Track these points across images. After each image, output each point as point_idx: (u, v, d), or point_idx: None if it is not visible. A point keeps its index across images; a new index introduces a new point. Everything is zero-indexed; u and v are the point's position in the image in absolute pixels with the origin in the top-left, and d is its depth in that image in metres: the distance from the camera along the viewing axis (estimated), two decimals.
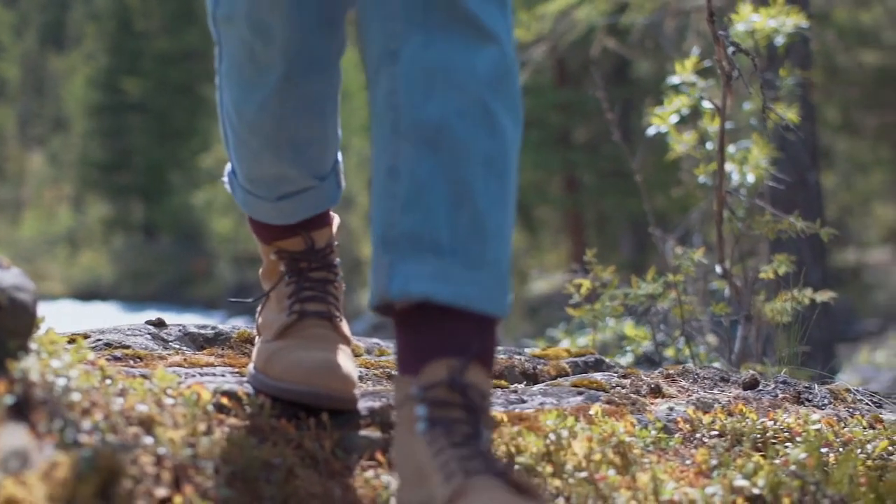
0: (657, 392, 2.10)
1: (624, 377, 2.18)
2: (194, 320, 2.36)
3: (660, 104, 3.30)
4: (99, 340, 2.01)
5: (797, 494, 1.62)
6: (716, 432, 1.87)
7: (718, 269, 3.10)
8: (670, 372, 2.28)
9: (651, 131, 3.31)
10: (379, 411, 1.69)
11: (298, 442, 1.58)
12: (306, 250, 1.81)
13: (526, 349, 2.46)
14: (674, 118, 3.23)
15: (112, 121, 31.02)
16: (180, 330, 2.16)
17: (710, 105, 3.05)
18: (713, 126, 3.12)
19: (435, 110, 1.38)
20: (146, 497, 1.28)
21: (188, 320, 2.31)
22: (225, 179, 1.89)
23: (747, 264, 3.27)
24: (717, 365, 2.84)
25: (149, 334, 2.10)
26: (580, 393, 2.01)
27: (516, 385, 2.12)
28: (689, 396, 2.09)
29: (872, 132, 14.65)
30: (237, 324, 2.28)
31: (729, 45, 2.69)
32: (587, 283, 3.00)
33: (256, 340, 1.85)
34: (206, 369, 1.88)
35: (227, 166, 1.87)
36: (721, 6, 4.44)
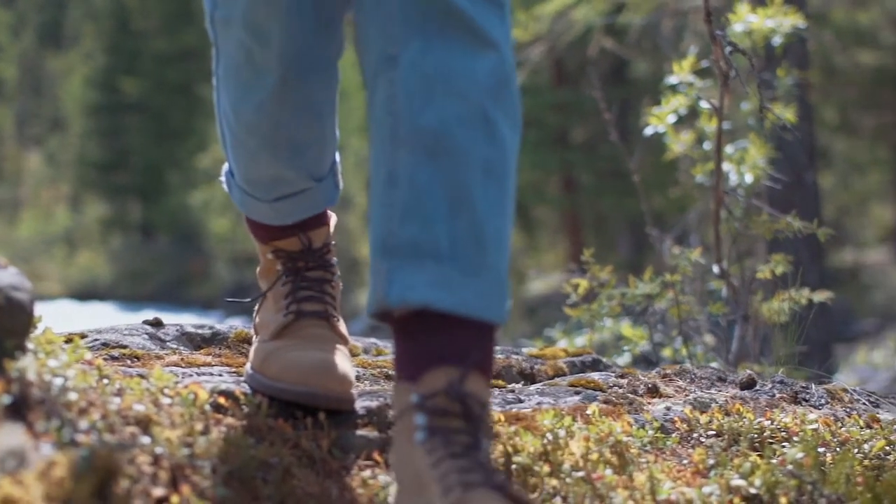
0: (654, 392, 2.10)
1: (621, 377, 2.18)
2: (192, 320, 2.35)
3: (657, 104, 3.30)
4: (96, 340, 2.01)
5: (794, 494, 1.62)
6: (713, 432, 1.87)
7: (716, 269, 3.10)
8: (667, 372, 2.28)
9: (649, 131, 3.32)
10: (376, 411, 1.69)
11: (295, 441, 1.58)
12: (303, 250, 1.81)
13: (523, 349, 2.46)
14: (671, 118, 3.23)
15: (110, 121, 31.00)
16: (178, 330, 2.16)
17: (708, 105, 3.05)
18: (711, 126, 3.13)
19: (434, 117, 1.38)
20: (143, 496, 1.28)
21: (185, 320, 2.31)
22: (222, 179, 1.88)
23: (745, 264, 3.27)
24: (715, 365, 2.84)
25: (146, 334, 2.10)
26: (577, 393, 2.01)
27: (513, 385, 2.13)
28: (687, 396, 2.09)
29: (870, 132, 14.68)
30: (234, 324, 2.28)
31: (726, 46, 2.69)
32: (585, 283, 3.00)
33: (254, 340, 1.85)
34: (204, 369, 1.88)
35: (225, 166, 1.87)
36: (718, 6, 4.44)
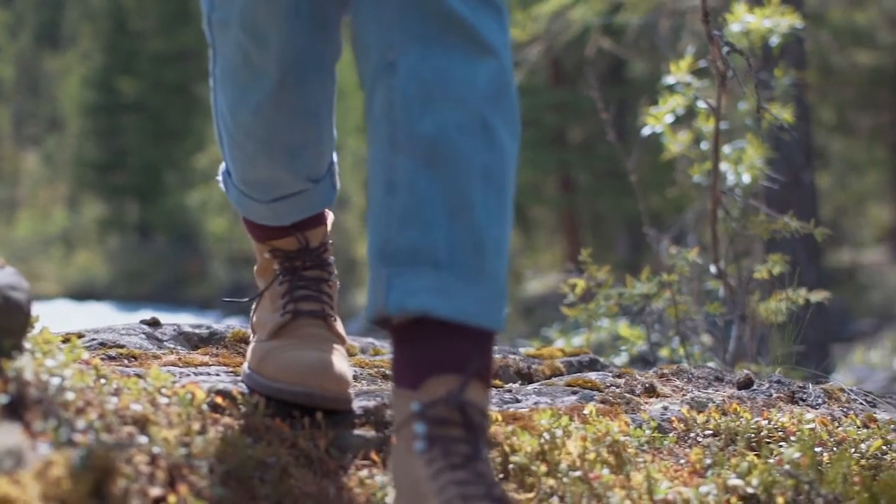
0: (651, 391, 2.11)
1: (618, 377, 2.18)
2: (189, 320, 2.35)
3: (655, 104, 3.30)
4: (93, 340, 2.01)
5: (791, 493, 1.63)
6: (710, 432, 1.87)
7: (713, 269, 3.10)
8: (665, 371, 2.28)
9: (646, 131, 3.32)
10: (373, 410, 1.69)
11: (293, 441, 1.58)
12: (300, 249, 1.81)
13: (520, 349, 2.46)
14: (669, 118, 3.23)
15: (107, 121, 30.97)
16: (175, 329, 2.16)
17: (705, 105, 3.05)
18: (708, 126, 3.13)
19: (433, 124, 1.37)
20: (140, 496, 1.28)
21: (183, 320, 2.31)
22: (219, 178, 1.88)
23: (742, 264, 3.27)
24: (712, 364, 2.84)
25: (143, 334, 2.10)
26: (574, 392, 2.01)
27: (511, 384, 2.13)
28: (684, 396, 2.09)
29: (867, 132, 14.70)
30: (232, 323, 2.28)
31: (724, 46, 2.69)
32: (582, 283, 3.00)
33: (251, 339, 1.85)
34: (201, 369, 1.87)
35: (222, 165, 1.87)
36: (716, 6, 4.44)
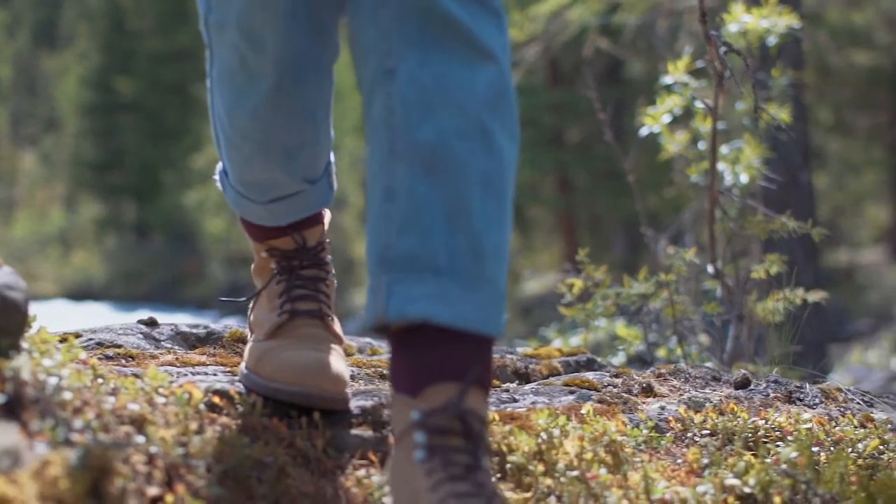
0: (649, 391, 2.11)
1: (616, 376, 2.18)
2: (186, 320, 2.35)
3: (652, 104, 3.31)
4: (91, 340, 2.01)
5: (788, 493, 1.63)
6: (707, 431, 1.87)
7: (710, 269, 3.10)
8: (662, 371, 2.28)
9: (643, 131, 3.32)
10: (371, 410, 1.69)
11: (290, 441, 1.58)
12: (297, 249, 1.80)
13: (518, 348, 2.46)
14: (666, 118, 3.24)
15: (104, 120, 30.95)
16: (172, 329, 2.15)
17: (703, 105, 3.05)
18: (705, 126, 3.13)
19: (432, 130, 1.37)
20: (138, 496, 1.28)
21: (180, 320, 2.31)
22: (216, 177, 1.88)
23: (739, 264, 3.28)
24: (709, 364, 2.84)
25: (141, 333, 2.10)
26: (572, 392, 2.01)
27: (508, 384, 2.13)
28: (681, 396, 2.09)
29: (864, 133, 14.71)
30: (229, 323, 2.28)
31: (721, 46, 2.70)
32: (579, 283, 3.00)
33: (248, 338, 1.85)
34: (198, 368, 1.87)
35: (219, 164, 1.86)
36: (713, 6, 4.44)
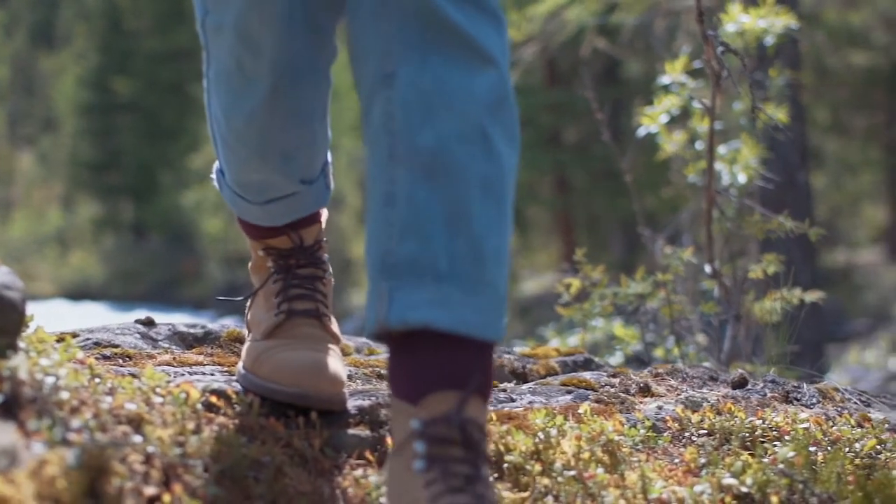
0: (646, 391, 2.11)
1: (613, 376, 2.18)
2: (184, 319, 2.35)
3: (650, 104, 3.31)
4: (88, 339, 2.00)
5: (785, 493, 1.63)
6: (704, 431, 1.87)
7: (708, 269, 3.10)
8: (659, 371, 2.28)
9: (641, 131, 3.32)
10: (368, 410, 1.69)
11: (287, 440, 1.57)
12: (294, 248, 1.80)
13: (515, 348, 2.46)
14: (664, 118, 3.24)
15: (102, 120, 30.93)
16: (169, 329, 2.15)
17: (700, 105, 3.06)
18: (703, 126, 3.13)
19: (432, 135, 1.36)
20: (135, 495, 1.28)
21: (177, 319, 2.30)
22: (213, 177, 1.88)
23: (737, 264, 3.28)
24: (707, 364, 2.84)
25: (138, 333, 2.10)
26: (569, 392, 2.01)
27: (505, 384, 2.13)
28: (678, 395, 2.09)
29: (862, 133, 14.73)
30: (226, 323, 2.28)
31: (719, 46, 2.70)
32: (577, 283, 3.00)
33: (246, 337, 1.85)
34: (196, 368, 1.87)
35: (216, 164, 1.86)
36: (711, 6, 4.44)
